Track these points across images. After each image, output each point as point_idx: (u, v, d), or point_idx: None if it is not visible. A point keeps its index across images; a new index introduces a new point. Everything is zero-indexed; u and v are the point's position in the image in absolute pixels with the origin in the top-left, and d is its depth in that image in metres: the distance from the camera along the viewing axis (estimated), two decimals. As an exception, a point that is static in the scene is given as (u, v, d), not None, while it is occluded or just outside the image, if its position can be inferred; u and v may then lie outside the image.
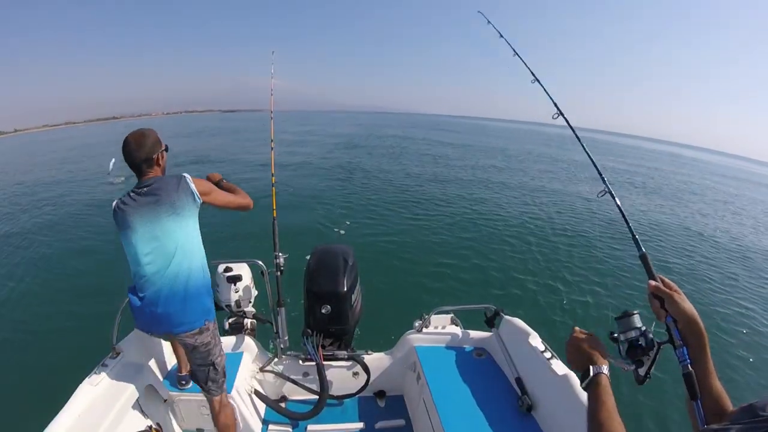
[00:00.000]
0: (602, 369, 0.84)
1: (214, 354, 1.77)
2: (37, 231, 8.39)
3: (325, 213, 8.93)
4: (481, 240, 7.67)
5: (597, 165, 1.57)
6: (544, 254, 7.08)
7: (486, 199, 10.91)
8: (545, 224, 8.96)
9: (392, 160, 18.16)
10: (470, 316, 2.69)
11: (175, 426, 2.14)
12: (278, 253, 2.33)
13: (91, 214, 9.48)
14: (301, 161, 16.64)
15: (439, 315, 2.52)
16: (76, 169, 17.37)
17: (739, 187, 25.33)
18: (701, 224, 11.10)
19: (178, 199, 1.63)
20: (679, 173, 27.13)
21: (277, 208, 2.50)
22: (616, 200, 1.35)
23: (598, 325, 5.06)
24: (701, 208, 13.80)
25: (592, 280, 6.00)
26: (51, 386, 3.45)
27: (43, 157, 26.36)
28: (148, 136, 1.71)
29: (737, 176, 35.79)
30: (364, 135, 32.67)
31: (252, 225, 6.75)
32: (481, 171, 16.15)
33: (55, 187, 13.23)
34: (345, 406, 2.45)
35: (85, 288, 5.65)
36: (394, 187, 12.02)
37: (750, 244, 9.75)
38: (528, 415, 1.89)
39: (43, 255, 7.04)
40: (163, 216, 1.60)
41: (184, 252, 1.63)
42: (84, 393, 1.65)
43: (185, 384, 2.13)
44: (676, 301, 0.87)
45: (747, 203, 17.43)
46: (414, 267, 6.25)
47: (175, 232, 1.62)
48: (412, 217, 8.87)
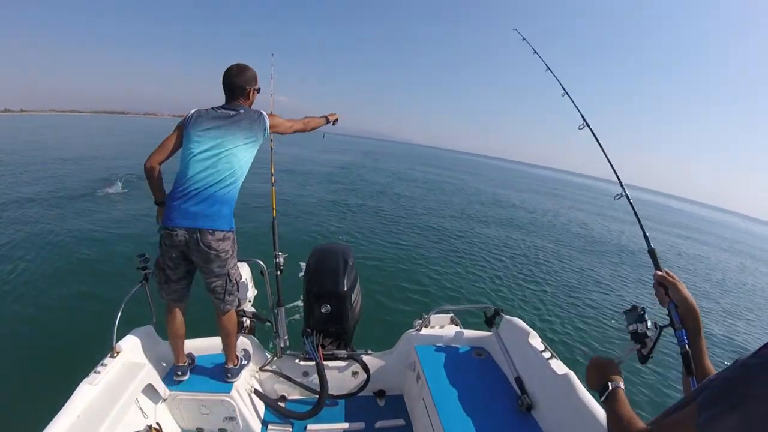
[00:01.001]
0: (619, 384, 0.93)
1: (231, 264, 1.94)
2: (40, 220, 8.39)
3: (326, 213, 8.93)
4: (481, 240, 7.67)
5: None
6: (545, 254, 7.08)
7: (486, 202, 10.91)
8: (546, 224, 8.96)
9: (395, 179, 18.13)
10: (470, 315, 2.70)
11: (174, 425, 2.14)
12: (278, 252, 2.34)
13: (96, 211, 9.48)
14: (303, 160, 16.66)
15: (438, 315, 2.52)
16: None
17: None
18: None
19: (251, 128, 1.90)
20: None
21: (276, 208, 2.50)
22: (631, 201, 1.48)
23: (599, 325, 5.07)
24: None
25: (593, 280, 6.01)
26: (51, 386, 3.45)
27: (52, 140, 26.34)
28: (249, 69, 1.97)
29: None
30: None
31: (252, 224, 6.76)
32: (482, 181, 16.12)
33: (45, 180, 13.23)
34: (345, 406, 2.45)
35: (85, 288, 5.66)
36: (397, 190, 12.02)
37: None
38: (527, 415, 1.89)
39: (44, 252, 7.05)
40: (238, 134, 1.85)
41: (235, 168, 1.84)
42: (84, 393, 1.65)
43: (181, 375, 2.12)
44: (679, 288, 1.00)
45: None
46: (414, 267, 6.26)
47: (239, 150, 1.85)
48: (411, 217, 8.87)
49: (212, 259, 1.84)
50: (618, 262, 8.43)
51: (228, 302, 2.01)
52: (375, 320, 4.13)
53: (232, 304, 2.03)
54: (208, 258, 1.84)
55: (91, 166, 16.11)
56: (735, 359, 0.65)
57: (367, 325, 3.85)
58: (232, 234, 1.92)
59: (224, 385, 2.13)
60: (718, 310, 7.40)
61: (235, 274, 1.99)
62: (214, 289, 1.95)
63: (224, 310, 2.02)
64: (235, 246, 1.96)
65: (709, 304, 7.79)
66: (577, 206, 12.78)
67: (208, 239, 1.79)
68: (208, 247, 1.80)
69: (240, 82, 1.93)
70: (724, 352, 5.38)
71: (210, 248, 1.80)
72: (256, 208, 8.72)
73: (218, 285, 1.94)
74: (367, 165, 27.51)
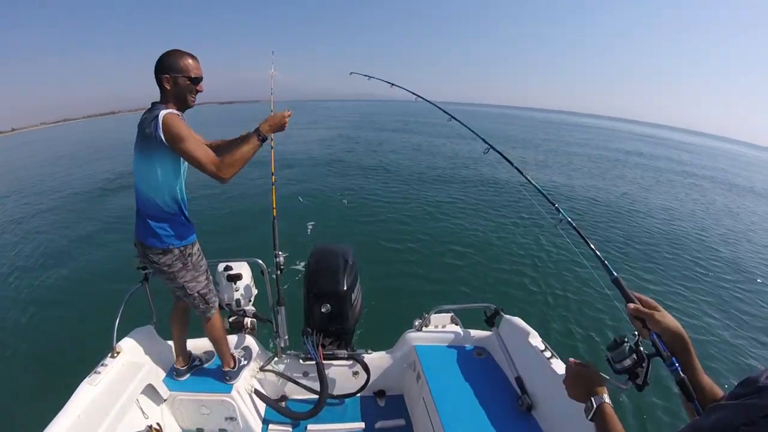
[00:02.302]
0: (603, 398, 0.88)
1: (183, 277, 1.83)
2: (38, 224, 8.39)
3: (325, 210, 8.93)
4: (481, 240, 7.67)
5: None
6: (545, 255, 7.09)
7: (488, 200, 10.91)
8: (545, 226, 8.96)
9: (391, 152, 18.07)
10: (470, 315, 2.69)
11: (174, 425, 2.14)
12: (278, 252, 2.33)
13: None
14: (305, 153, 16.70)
15: (439, 314, 2.52)
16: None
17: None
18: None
19: (143, 133, 1.60)
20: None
21: (276, 207, 2.50)
22: (574, 225, 1.45)
23: (599, 325, 5.07)
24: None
25: (593, 281, 6.01)
26: (51, 386, 3.45)
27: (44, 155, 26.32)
28: (164, 55, 1.61)
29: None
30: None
31: (252, 224, 6.75)
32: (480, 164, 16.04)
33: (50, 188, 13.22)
34: (345, 406, 2.45)
35: (85, 288, 5.66)
36: (395, 182, 12.01)
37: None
38: (528, 415, 1.89)
39: (44, 252, 7.05)
40: (138, 142, 1.65)
41: (148, 181, 1.68)
42: (84, 393, 1.66)
43: (178, 376, 2.15)
44: (657, 320, 0.90)
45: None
46: (414, 266, 6.25)
47: (138, 161, 1.68)
48: (412, 217, 8.87)
49: (161, 273, 1.84)
50: (619, 261, 8.42)
51: (201, 310, 1.98)
52: (375, 320, 4.14)
53: (206, 312, 1.99)
54: (158, 272, 1.85)
55: (92, 168, 16.11)
56: (746, 378, 0.64)
57: (367, 324, 3.85)
58: (177, 249, 1.78)
59: (224, 385, 2.13)
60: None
61: (193, 287, 1.89)
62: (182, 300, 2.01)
63: (202, 318, 2.03)
64: (189, 261, 1.84)
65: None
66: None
67: (150, 257, 1.78)
68: (153, 266, 1.82)
69: (155, 73, 1.62)
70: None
71: (154, 265, 1.81)
72: (255, 209, 8.73)
73: (180, 296, 1.97)
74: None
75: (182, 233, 1.79)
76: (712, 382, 0.88)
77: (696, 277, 6.86)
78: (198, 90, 1.69)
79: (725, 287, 6.56)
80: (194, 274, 1.87)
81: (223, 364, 2.15)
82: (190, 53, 1.66)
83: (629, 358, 0.93)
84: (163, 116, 1.55)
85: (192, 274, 1.87)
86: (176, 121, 1.57)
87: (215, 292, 2.05)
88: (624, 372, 0.94)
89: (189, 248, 1.83)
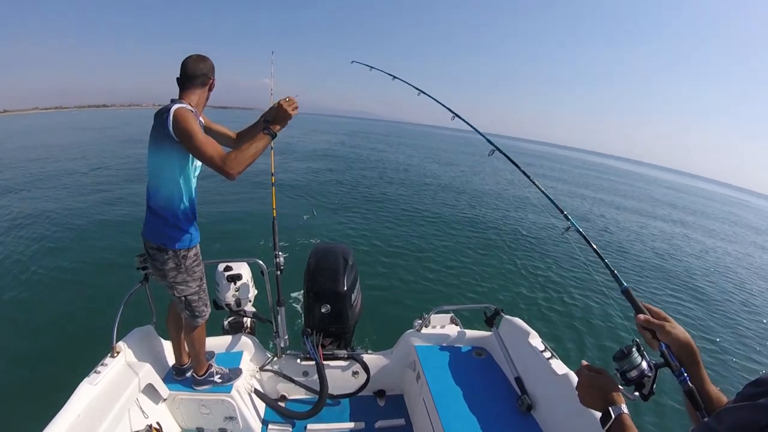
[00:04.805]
0: (623, 409, 0.85)
1: (173, 278, 1.82)
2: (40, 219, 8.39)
3: (325, 211, 8.93)
4: (482, 240, 7.67)
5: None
6: (545, 254, 7.08)
7: (486, 203, 10.91)
8: (546, 225, 8.97)
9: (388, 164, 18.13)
10: (470, 315, 2.70)
11: (174, 425, 2.14)
12: (278, 252, 2.33)
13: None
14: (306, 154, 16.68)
15: (438, 314, 2.52)
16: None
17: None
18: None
19: (161, 132, 1.60)
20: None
21: (276, 208, 2.50)
22: (583, 234, 1.40)
23: (599, 324, 5.07)
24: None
25: (593, 280, 6.01)
26: (51, 386, 3.45)
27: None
28: (207, 58, 1.73)
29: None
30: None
31: (252, 224, 6.75)
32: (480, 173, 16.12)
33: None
34: (345, 406, 2.45)
35: (85, 288, 5.65)
36: (394, 185, 12.02)
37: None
38: (527, 415, 1.89)
39: (44, 246, 7.04)
40: (152, 139, 1.67)
41: (156, 174, 1.69)
42: (84, 392, 1.66)
43: (178, 376, 2.14)
44: (668, 331, 0.90)
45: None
46: (414, 266, 6.25)
47: (153, 154, 1.68)
48: (412, 217, 8.87)
49: (158, 271, 1.84)
50: (619, 261, 8.45)
51: (186, 316, 1.95)
52: (375, 320, 4.14)
53: (191, 320, 1.95)
54: (156, 270, 1.85)
55: (92, 164, 16.10)
56: (756, 378, 0.63)
57: (367, 325, 3.85)
58: (172, 252, 1.77)
59: (224, 385, 2.13)
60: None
61: (183, 290, 1.86)
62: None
63: (186, 324, 1.99)
64: (183, 263, 1.81)
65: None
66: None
67: (148, 250, 1.81)
68: (152, 260, 1.82)
69: (202, 75, 1.72)
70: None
71: (152, 259, 1.82)
72: (256, 208, 8.74)
73: (174, 296, 1.92)
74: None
75: (178, 235, 1.76)
76: (718, 391, 0.88)
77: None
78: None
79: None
80: (185, 278, 1.83)
81: (196, 367, 2.10)
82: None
83: (637, 368, 0.92)
84: (174, 110, 1.55)
85: (182, 278, 1.83)
86: (188, 115, 1.57)
87: (206, 302, 1.98)
88: (632, 382, 0.93)
89: (184, 251, 1.79)
